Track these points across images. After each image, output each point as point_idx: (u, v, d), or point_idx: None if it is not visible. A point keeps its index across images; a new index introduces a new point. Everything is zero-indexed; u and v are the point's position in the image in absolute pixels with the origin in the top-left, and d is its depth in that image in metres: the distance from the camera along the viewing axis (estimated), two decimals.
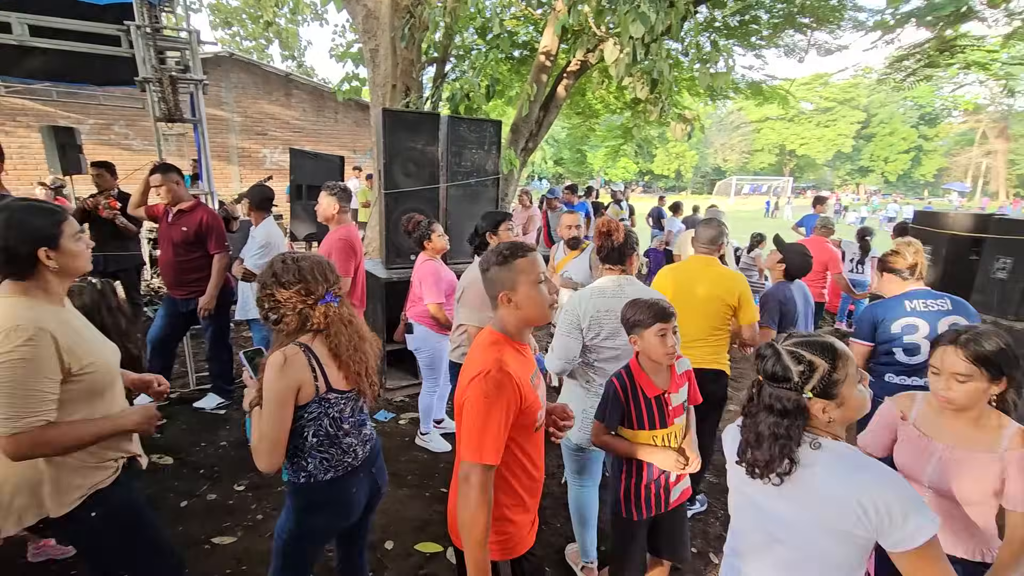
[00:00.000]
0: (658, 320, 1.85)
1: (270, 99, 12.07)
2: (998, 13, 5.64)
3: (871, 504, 1.08)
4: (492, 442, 1.32)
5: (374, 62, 6.56)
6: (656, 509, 1.97)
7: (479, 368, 1.37)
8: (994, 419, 1.52)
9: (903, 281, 2.51)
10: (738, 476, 1.36)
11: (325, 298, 1.60)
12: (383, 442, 3.61)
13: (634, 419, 1.91)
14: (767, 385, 1.21)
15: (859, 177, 50.68)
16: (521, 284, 1.45)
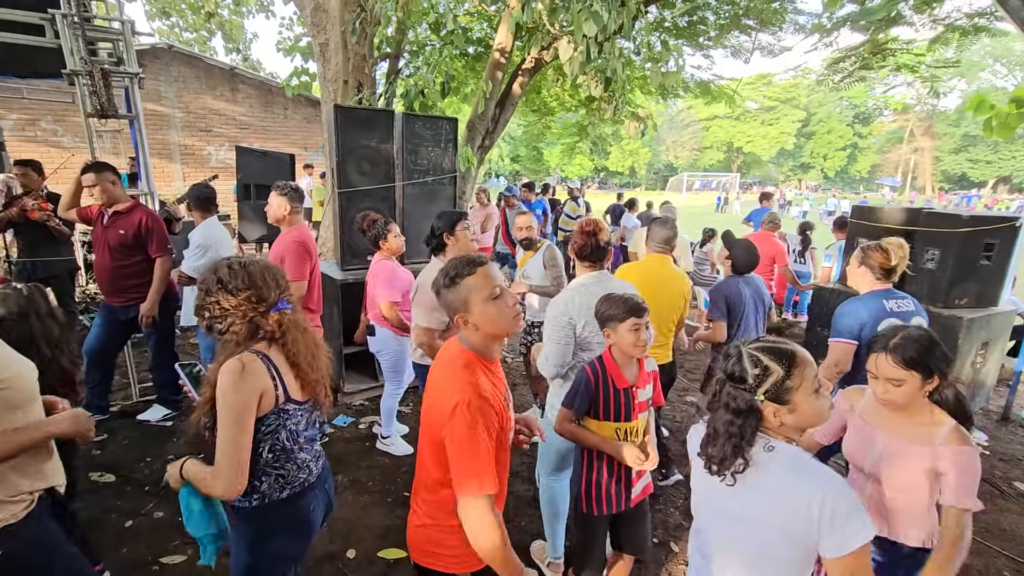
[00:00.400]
0: (632, 315, 1.88)
1: (214, 94, 11.53)
2: (924, 18, 6.02)
3: (817, 506, 1.11)
4: (488, 470, 1.29)
5: (324, 57, 6.37)
6: (617, 506, 1.99)
7: (457, 398, 1.31)
8: (932, 415, 1.61)
9: (875, 280, 2.53)
10: (699, 475, 1.39)
11: (278, 305, 1.52)
12: (342, 447, 3.55)
13: (600, 409, 1.92)
14: (727, 384, 1.26)
15: (801, 173, 53.11)
16: (474, 304, 1.39)
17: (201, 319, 1.49)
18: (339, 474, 3.20)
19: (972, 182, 46.08)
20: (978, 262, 4.14)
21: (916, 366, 1.53)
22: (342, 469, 3.27)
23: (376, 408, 4.15)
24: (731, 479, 1.23)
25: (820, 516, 1.11)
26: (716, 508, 1.33)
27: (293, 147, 12.64)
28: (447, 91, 5.40)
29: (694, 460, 1.41)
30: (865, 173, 51.91)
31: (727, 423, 1.23)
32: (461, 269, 1.41)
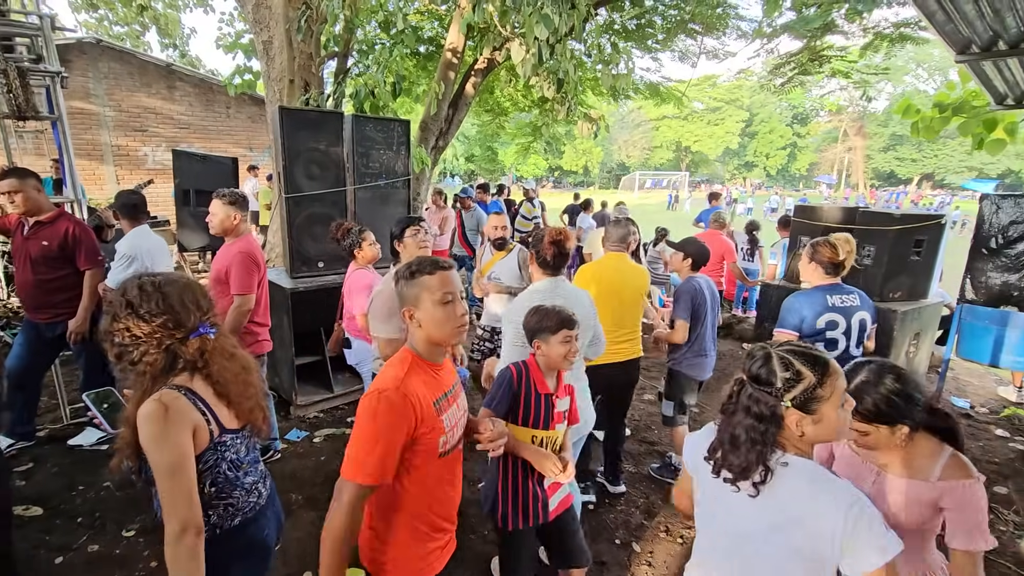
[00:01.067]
0: (564, 327, 1.88)
1: (149, 92, 10.90)
2: (856, 27, 6.36)
3: (841, 521, 1.05)
4: (374, 463, 1.27)
5: (268, 55, 6.12)
6: (535, 519, 1.93)
7: (376, 385, 1.33)
8: (927, 445, 1.44)
9: (824, 275, 2.65)
10: (705, 487, 1.31)
11: (199, 330, 1.39)
12: (296, 464, 3.41)
13: (520, 413, 1.88)
14: (749, 385, 1.18)
15: (745, 171, 55.30)
16: (424, 301, 1.40)
17: (109, 348, 1.34)
18: (293, 492, 3.07)
19: (900, 179, 49.26)
20: (909, 258, 4.39)
21: (877, 419, 1.38)
22: (296, 487, 3.14)
23: (332, 420, 4.03)
24: (753, 490, 1.14)
25: (845, 531, 1.05)
26: (726, 521, 1.25)
27: (238, 147, 12.12)
28: (398, 91, 5.30)
29: (698, 470, 1.33)
30: (804, 171, 54.56)
31: (749, 428, 1.14)
32: (423, 267, 1.42)
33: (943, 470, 1.38)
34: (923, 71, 46.63)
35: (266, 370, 3.36)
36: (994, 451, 3.90)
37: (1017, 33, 1.79)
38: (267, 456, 3.35)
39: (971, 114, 4.21)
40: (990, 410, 4.65)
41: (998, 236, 4.29)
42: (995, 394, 5.00)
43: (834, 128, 52.27)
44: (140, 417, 1.26)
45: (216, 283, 3.00)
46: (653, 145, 54.53)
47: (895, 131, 47.95)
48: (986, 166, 43.17)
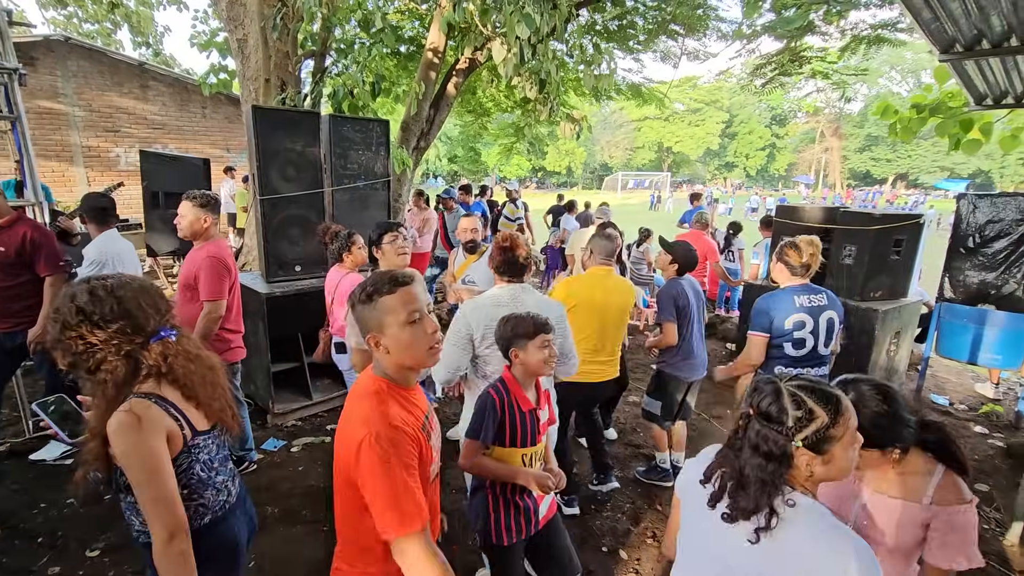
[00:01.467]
0: (540, 331, 1.82)
1: (121, 91, 10.61)
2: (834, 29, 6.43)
3: (843, 573, 0.99)
4: (410, 504, 1.15)
5: (243, 53, 5.97)
6: (527, 531, 1.88)
7: (363, 432, 1.18)
8: (920, 464, 1.39)
9: (792, 276, 2.68)
10: (694, 511, 1.23)
11: (160, 333, 1.34)
12: (273, 474, 3.30)
13: (507, 435, 1.80)
14: (757, 421, 1.10)
15: (726, 172, 56.01)
16: (389, 326, 1.25)
17: (60, 357, 1.27)
18: (268, 505, 2.96)
19: (875, 179, 50.32)
20: (889, 257, 4.43)
21: (865, 445, 1.26)
22: (272, 499, 3.03)
23: (311, 428, 3.91)
24: (754, 535, 1.06)
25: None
26: (719, 563, 1.16)
27: (214, 148, 11.87)
28: (378, 91, 5.20)
29: (687, 491, 1.27)
30: (783, 171, 55.45)
31: (758, 467, 1.06)
32: (380, 286, 1.27)
33: (936, 492, 1.34)
34: (896, 74, 47.76)
35: (240, 378, 3.24)
36: (974, 448, 3.94)
37: (1001, 32, 1.78)
38: (242, 468, 3.23)
39: (948, 115, 4.25)
40: (968, 407, 4.71)
41: (975, 235, 4.35)
42: (973, 391, 5.07)
43: (811, 129, 53.25)
44: (112, 430, 1.22)
45: (185, 289, 2.89)
46: (635, 146, 54.92)
47: (870, 132, 49.01)
48: (957, 166, 44.32)
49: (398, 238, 2.67)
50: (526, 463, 1.84)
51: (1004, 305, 4.26)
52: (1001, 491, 3.39)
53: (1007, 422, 4.40)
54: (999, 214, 4.25)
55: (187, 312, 2.86)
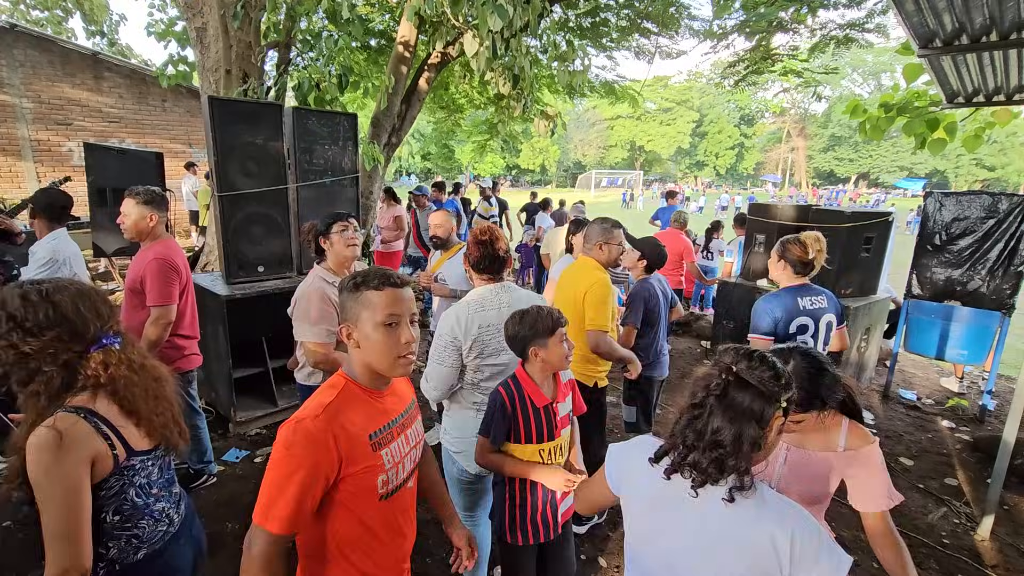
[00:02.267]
0: (559, 325, 1.75)
1: (73, 82, 10.07)
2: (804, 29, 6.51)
3: (787, 541, 1.00)
4: (285, 507, 1.08)
5: (202, 43, 5.70)
6: (544, 534, 1.84)
7: (296, 414, 1.16)
8: (830, 417, 1.50)
9: (794, 275, 2.56)
10: (640, 504, 1.22)
11: (101, 341, 1.23)
12: (235, 487, 3.12)
13: (522, 432, 1.76)
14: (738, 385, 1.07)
15: (696, 170, 56.97)
16: (364, 321, 1.19)
17: None
18: (228, 521, 2.79)
19: (839, 178, 51.89)
20: (859, 254, 4.48)
21: (809, 407, 1.41)
22: (232, 514, 2.85)
23: (275, 437, 3.73)
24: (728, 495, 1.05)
25: (792, 557, 1.00)
26: (662, 540, 1.16)
27: (175, 144, 11.41)
28: (345, 84, 5.01)
29: (622, 485, 1.26)
30: (751, 170, 56.70)
31: (737, 430, 1.05)
32: (370, 280, 1.21)
33: (847, 440, 1.48)
34: (858, 76, 49.32)
35: (196, 386, 3.05)
36: (943, 442, 4.01)
37: (982, 26, 1.76)
38: (200, 482, 3.04)
39: (915, 114, 4.31)
40: (935, 401, 4.80)
41: (942, 233, 4.43)
42: (939, 385, 5.19)
43: (778, 129, 54.59)
44: (30, 446, 1.10)
45: (131, 293, 2.68)
46: (608, 144, 55.39)
47: (834, 132, 50.49)
48: (915, 166, 46.07)
49: (347, 228, 2.51)
50: (544, 458, 1.78)
51: (969, 301, 4.35)
52: (971, 486, 3.44)
53: (972, 416, 4.50)
54: (964, 212, 4.33)
55: (134, 319, 2.66)
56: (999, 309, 4.25)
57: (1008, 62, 2.15)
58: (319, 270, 2.47)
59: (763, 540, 1.02)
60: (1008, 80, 2.44)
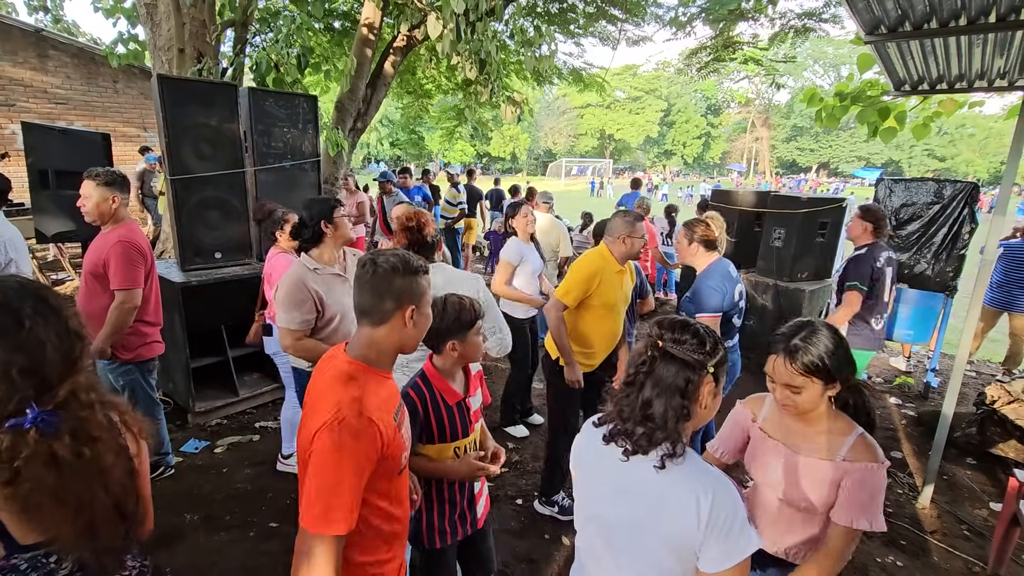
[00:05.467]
0: (478, 317, 1.68)
1: (15, 61, 9.50)
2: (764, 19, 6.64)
3: (707, 508, 1.02)
4: (346, 507, 1.07)
5: (153, 20, 5.45)
6: (463, 531, 1.78)
7: (332, 412, 1.10)
8: (837, 423, 1.44)
9: (710, 251, 2.68)
10: (584, 478, 1.25)
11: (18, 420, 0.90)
12: (193, 479, 3.05)
13: (435, 432, 1.67)
14: (666, 355, 1.10)
15: (665, 159, 57.73)
16: (424, 304, 1.26)
17: None
18: (187, 512, 2.73)
19: (800, 167, 53.38)
20: (815, 239, 4.63)
21: (817, 372, 1.35)
22: (192, 505, 2.79)
23: (237, 427, 3.66)
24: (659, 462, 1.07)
25: (708, 520, 1.01)
26: (600, 510, 1.18)
27: (129, 127, 10.90)
28: (305, 64, 4.87)
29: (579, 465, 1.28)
30: (717, 159, 57.79)
31: (667, 399, 1.08)
32: (420, 266, 1.27)
33: (850, 450, 1.38)
34: (819, 67, 50.62)
35: (157, 375, 2.96)
36: (889, 418, 4.22)
37: (922, 13, 1.83)
38: (156, 473, 2.96)
39: (867, 103, 4.45)
40: (884, 380, 5.04)
41: (891, 218, 4.61)
42: (888, 365, 5.44)
43: (743, 119, 55.67)
44: None
45: (92, 278, 2.58)
46: (578, 133, 55.53)
47: (796, 123, 51.86)
48: (872, 156, 47.75)
49: (343, 210, 2.50)
50: (460, 455, 1.72)
51: (916, 284, 4.55)
52: (915, 457, 3.63)
53: (917, 392, 4.74)
54: (912, 198, 4.52)
55: (95, 305, 2.57)
56: (943, 291, 4.47)
57: (948, 50, 2.25)
58: (305, 257, 2.39)
59: (689, 500, 1.04)
60: (949, 69, 2.54)
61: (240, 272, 3.64)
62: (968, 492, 3.28)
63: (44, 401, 0.92)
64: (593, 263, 2.61)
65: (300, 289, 2.28)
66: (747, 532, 1.04)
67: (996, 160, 42.24)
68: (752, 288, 4.71)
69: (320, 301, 2.29)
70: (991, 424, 3.59)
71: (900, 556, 2.69)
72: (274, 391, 3.96)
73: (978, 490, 3.30)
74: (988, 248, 2.81)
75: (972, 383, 5.01)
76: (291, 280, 2.31)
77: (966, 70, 2.60)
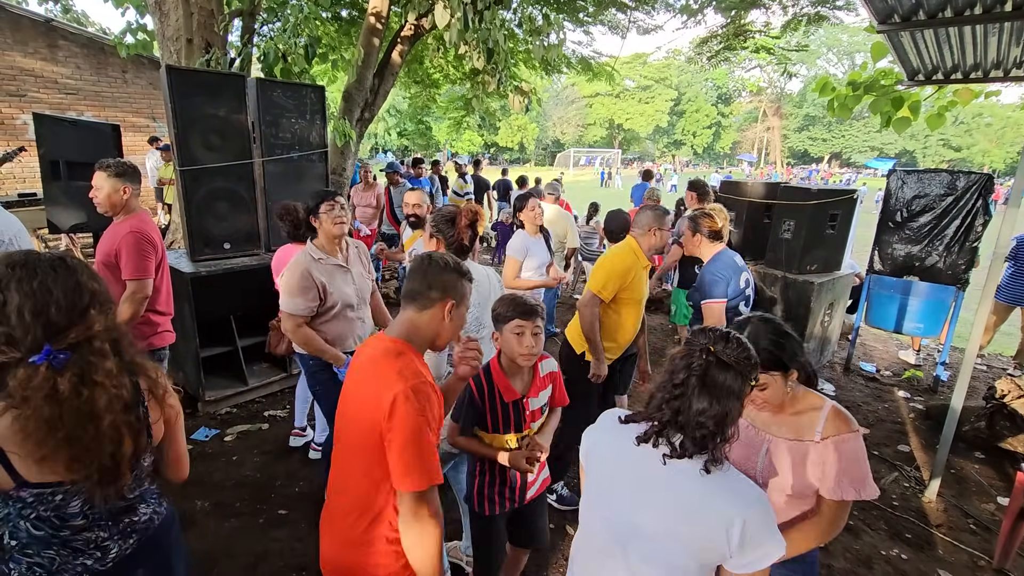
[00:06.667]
0: (518, 316, 1.71)
1: (25, 51, 9.55)
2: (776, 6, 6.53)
3: (739, 527, 1.03)
4: (433, 462, 1.23)
5: (161, 10, 5.45)
6: (511, 504, 1.90)
7: (401, 384, 1.21)
8: (808, 400, 1.48)
9: (715, 242, 2.70)
10: (602, 471, 1.25)
11: (43, 353, 1.03)
12: (204, 466, 3.10)
13: (489, 423, 1.80)
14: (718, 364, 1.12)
15: (674, 149, 57.15)
16: (463, 304, 1.42)
17: None
18: (198, 499, 2.78)
19: (812, 158, 52.66)
20: (824, 231, 4.58)
21: (772, 366, 1.39)
22: (202, 492, 2.84)
23: (247, 415, 3.71)
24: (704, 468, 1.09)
25: (740, 539, 1.04)
26: (621, 508, 1.19)
27: (138, 117, 10.97)
28: (312, 55, 4.86)
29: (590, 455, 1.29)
30: (728, 149, 57.13)
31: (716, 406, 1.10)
32: (468, 271, 1.45)
33: (825, 426, 1.41)
34: (833, 55, 49.73)
35: (167, 364, 3.00)
36: (898, 411, 4.19)
37: (937, 2, 1.79)
38: None
39: (881, 92, 4.38)
40: (893, 373, 5.00)
41: (903, 210, 4.55)
42: (897, 358, 5.40)
43: (755, 108, 54.89)
44: None
45: (103, 268, 2.62)
46: (587, 122, 55.06)
47: (809, 112, 51.05)
48: (886, 146, 46.98)
49: (335, 207, 2.50)
50: (514, 446, 1.82)
51: (927, 276, 4.50)
52: (923, 451, 3.62)
53: (926, 386, 4.71)
54: (924, 189, 4.45)
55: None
56: (954, 284, 4.41)
57: (963, 39, 2.20)
58: (310, 246, 2.50)
59: (726, 516, 1.05)
60: (964, 58, 2.49)
61: (249, 263, 3.67)
62: (975, 486, 3.26)
63: (56, 342, 1.05)
64: (627, 257, 2.62)
65: (305, 277, 2.37)
66: (775, 539, 1.06)
67: (1013, 150, 41.42)
68: (761, 280, 4.68)
69: (323, 289, 2.40)
70: (1001, 418, 3.56)
71: (905, 549, 2.68)
72: (282, 380, 4.01)
73: (985, 484, 3.28)
74: (1000, 241, 2.77)
75: (983, 377, 4.96)
76: (297, 268, 2.40)
77: (981, 59, 2.55)
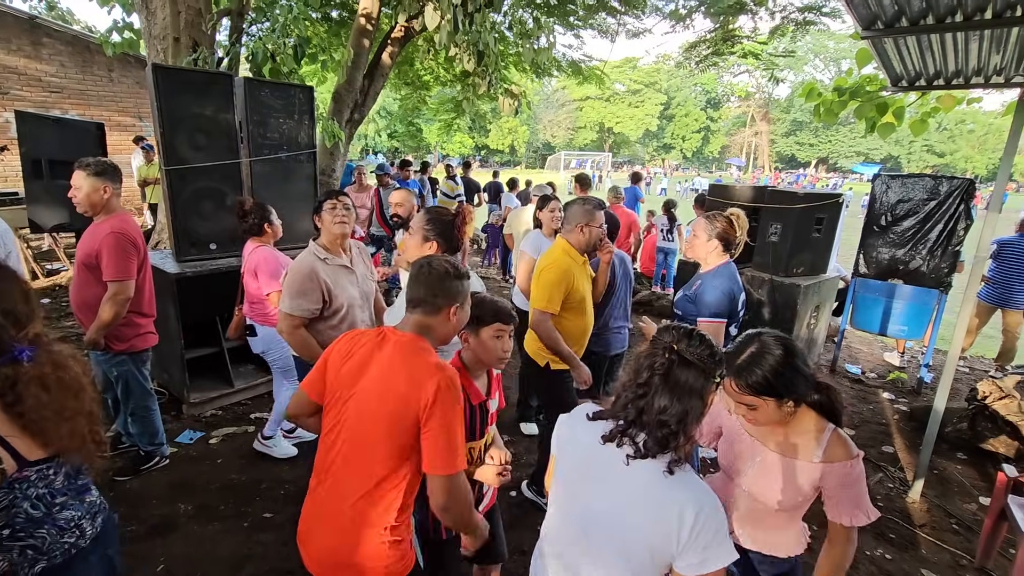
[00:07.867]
0: (499, 320, 1.66)
1: (8, 48, 9.41)
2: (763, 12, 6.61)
3: (690, 521, 1.05)
4: (463, 448, 1.35)
5: (148, 8, 5.40)
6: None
7: (439, 373, 1.31)
8: (808, 423, 1.43)
9: (724, 253, 2.42)
10: (571, 464, 1.25)
11: (12, 352, 1.10)
12: (187, 469, 3.05)
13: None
14: (682, 363, 1.12)
15: (664, 153, 57.58)
16: (465, 304, 1.50)
17: None
18: (181, 502, 2.74)
19: (799, 162, 53.34)
20: (811, 234, 4.63)
21: (766, 392, 1.32)
22: (186, 496, 2.80)
23: (232, 417, 3.67)
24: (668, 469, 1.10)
25: (690, 532, 1.05)
26: (586, 502, 1.20)
27: (124, 116, 10.84)
28: (301, 54, 4.84)
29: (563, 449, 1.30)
30: (716, 153, 57.68)
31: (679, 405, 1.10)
32: (466, 272, 1.51)
33: (825, 450, 1.38)
34: (820, 61, 50.44)
35: (150, 366, 2.96)
36: (882, 413, 4.24)
37: (919, 9, 1.82)
38: (150, 464, 2.96)
39: (866, 98, 4.44)
40: (878, 375, 5.06)
41: (887, 214, 4.62)
42: (882, 360, 5.47)
43: (743, 113, 55.54)
44: None
45: (84, 269, 2.57)
46: (577, 126, 55.32)
47: (796, 117, 51.73)
48: (871, 151, 47.70)
49: (337, 206, 2.47)
50: (474, 456, 1.72)
51: (910, 279, 4.57)
52: (906, 452, 3.66)
53: (910, 388, 4.77)
54: (908, 194, 4.52)
55: (88, 295, 2.57)
56: (937, 287, 4.48)
57: (945, 46, 2.24)
58: (313, 246, 2.43)
59: (680, 509, 1.06)
60: (946, 65, 2.54)
61: (235, 263, 3.62)
62: (958, 486, 3.31)
63: (20, 339, 1.12)
64: (562, 262, 2.49)
65: (310, 278, 2.32)
66: (725, 545, 1.07)
67: (995, 156, 42.25)
68: (748, 283, 4.72)
69: (328, 291, 2.34)
70: (982, 419, 3.61)
71: (889, 549, 2.71)
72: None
73: (968, 484, 3.33)
74: (981, 244, 2.82)
75: (965, 379, 5.04)
76: (301, 268, 2.34)
77: (963, 66, 2.59)
